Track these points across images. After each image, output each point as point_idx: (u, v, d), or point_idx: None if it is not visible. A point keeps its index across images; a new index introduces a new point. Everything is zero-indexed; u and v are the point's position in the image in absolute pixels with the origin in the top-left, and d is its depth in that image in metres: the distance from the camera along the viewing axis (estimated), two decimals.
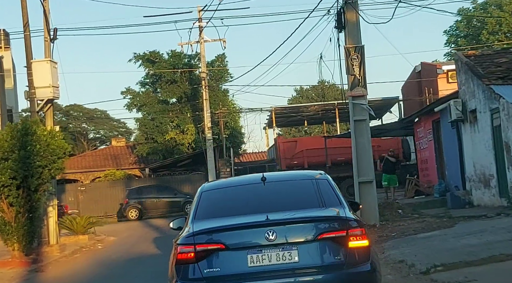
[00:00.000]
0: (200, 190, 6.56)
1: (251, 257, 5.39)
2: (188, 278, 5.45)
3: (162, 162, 35.33)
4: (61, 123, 60.02)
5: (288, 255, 5.40)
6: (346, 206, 5.97)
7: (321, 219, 5.68)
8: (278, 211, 5.80)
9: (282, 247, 5.40)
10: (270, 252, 5.39)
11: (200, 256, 5.43)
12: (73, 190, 32.82)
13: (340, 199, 6.09)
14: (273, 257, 5.39)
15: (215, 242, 5.45)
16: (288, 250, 5.40)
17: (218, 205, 6.24)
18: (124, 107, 37.99)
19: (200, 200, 6.26)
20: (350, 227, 5.52)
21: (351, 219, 5.67)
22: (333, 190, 6.25)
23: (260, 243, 5.40)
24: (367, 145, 15.71)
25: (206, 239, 5.50)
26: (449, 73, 31.60)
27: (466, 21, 49.26)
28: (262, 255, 5.39)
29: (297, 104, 46.74)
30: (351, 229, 5.50)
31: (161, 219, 28.23)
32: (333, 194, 6.17)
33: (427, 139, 21.33)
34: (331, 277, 5.38)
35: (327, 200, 6.05)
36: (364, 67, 15.64)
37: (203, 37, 31.64)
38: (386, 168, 21.39)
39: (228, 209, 6.08)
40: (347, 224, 5.55)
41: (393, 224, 15.34)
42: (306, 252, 5.41)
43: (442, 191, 19.31)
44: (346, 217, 5.68)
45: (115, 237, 21.54)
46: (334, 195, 6.16)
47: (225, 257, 5.42)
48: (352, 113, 15.72)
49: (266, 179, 6.35)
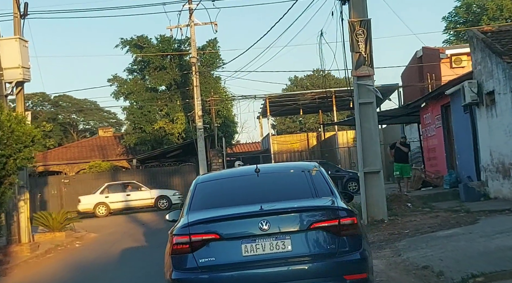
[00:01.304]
0: (195, 181, 6.67)
1: (245, 246, 5.50)
2: (183, 268, 5.53)
3: (151, 153, 33.55)
4: (50, 114, 58.70)
5: (281, 244, 5.50)
6: (338, 196, 6.06)
7: (313, 208, 5.78)
8: (271, 201, 5.87)
9: (276, 236, 5.50)
10: (264, 242, 5.50)
11: (195, 246, 5.51)
12: (56, 182, 31.02)
13: (333, 190, 6.19)
14: (267, 246, 5.50)
15: (209, 232, 5.54)
16: (281, 239, 5.50)
17: (213, 196, 6.34)
18: (111, 96, 36.13)
19: (195, 192, 6.36)
20: (341, 216, 5.60)
21: (343, 208, 5.74)
22: (326, 180, 6.34)
23: (254, 233, 5.50)
24: (373, 131, 14.05)
25: (201, 229, 5.58)
26: (453, 58, 30.18)
27: (466, 7, 47.65)
28: (256, 244, 5.50)
29: (293, 92, 45.06)
30: (342, 218, 5.58)
31: (148, 213, 26.53)
32: (326, 185, 6.27)
33: (435, 126, 19.66)
34: (323, 265, 5.48)
35: (320, 191, 6.15)
36: (371, 43, 13.97)
37: (193, 20, 29.89)
38: (398, 156, 19.25)
39: (222, 200, 6.19)
40: (339, 214, 5.63)
41: (403, 219, 13.77)
42: (299, 241, 5.52)
43: (452, 182, 17.67)
44: (338, 206, 5.75)
45: (96, 233, 19.83)
46: (326, 185, 6.26)
47: (219, 246, 5.51)
48: (357, 96, 14.03)
49: (260, 171, 6.46)
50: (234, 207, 5.83)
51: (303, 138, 43.35)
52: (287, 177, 6.71)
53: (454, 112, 17.64)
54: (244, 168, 7.85)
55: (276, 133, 54.17)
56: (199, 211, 5.94)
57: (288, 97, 38.37)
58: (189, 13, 29.44)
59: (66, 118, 61.11)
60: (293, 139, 43.40)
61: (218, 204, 6.08)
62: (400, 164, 19.18)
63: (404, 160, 19.23)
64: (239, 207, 5.80)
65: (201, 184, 6.60)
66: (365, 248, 5.70)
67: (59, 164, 36.44)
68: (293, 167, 7.61)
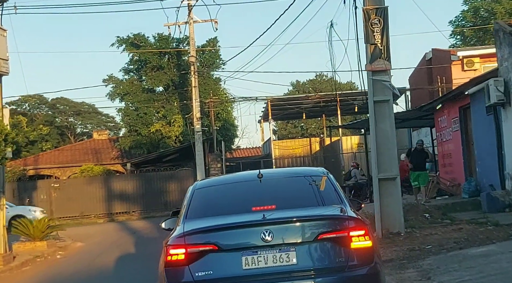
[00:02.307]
0: (192, 187, 6.33)
1: (246, 259, 5.15)
2: (178, 281, 5.19)
3: (146, 157, 31.95)
4: (47, 117, 57.34)
5: (285, 256, 5.16)
6: (348, 204, 5.71)
7: (320, 218, 5.42)
8: (275, 209, 5.56)
9: (279, 248, 5.17)
10: (266, 254, 5.15)
11: (191, 257, 5.16)
12: (46, 186, 29.42)
13: (341, 197, 5.85)
14: (270, 258, 5.15)
15: (207, 242, 5.18)
16: (285, 251, 5.17)
17: (211, 204, 5.99)
18: (106, 97, 34.60)
19: (192, 199, 6.01)
20: (351, 227, 5.23)
21: (353, 218, 5.37)
22: (334, 187, 6.00)
23: (256, 244, 5.15)
24: (390, 132, 12.51)
25: (198, 239, 5.23)
26: (465, 60, 28.68)
27: (473, 11, 46.33)
28: (258, 256, 5.15)
29: (296, 96, 43.55)
30: (352, 229, 5.22)
31: (140, 221, 24.97)
32: (334, 192, 5.92)
33: (452, 130, 18.11)
34: (331, 280, 5.14)
35: (327, 198, 5.80)
36: (388, 34, 12.46)
37: (192, 17, 28.36)
38: (416, 163, 17.16)
39: (222, 208, 5.84)
40: (348, 223, 5.27)
41: (421, 232, 12.27)
42: (304, 253, 5.17)
43: (472, 191, 16.10)
44: (348, 215, 5.40)
45: (83, 242, 18.31)
46: (334, 192, 5.91)
47: (218, 259, 5.16)
48: (371, 93, 12.50)
49: (262, 176, 6.07)
50: (235, 216, 5.46)
51: (306, 144, 41.80)
52: (292, 183, 6.28)
53: (475, 114, 16.10)
54: (246, 173, 7.40)
55: (277, 138, 52.67)
56: (197, 220, 5.57)
57: (291, 101, 36.81)
58: (188, 9, 27.94)
59: (64, 122, 60.05)
60: (295, 144, 41.85)
61: (217, 212, 5.72)
62: (416, 172, 17.17)
63: (421, 167, 17.35)
64: (239, 216, 5.43)
65: (199, 190, 6.22)
66: (377, 261, 5.33)
67: (51, 168, 34.89)
68: (298, 172, 7.15)
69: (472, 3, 46.14)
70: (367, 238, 5.23)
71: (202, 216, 5.70)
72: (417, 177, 17.18)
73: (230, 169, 30.71)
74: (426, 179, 17.42)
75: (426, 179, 17.42)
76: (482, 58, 28.49)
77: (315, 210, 5.59)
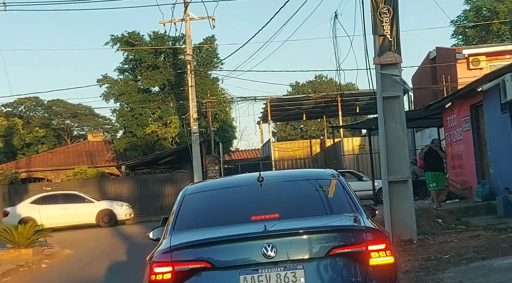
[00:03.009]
0: (182, 192, 5.58)
1: (245, 278, 4.38)
2: None
3: (141, 159, 30.96)
4: (43, 119, 56.45)
5: (291, 276, 4.37)
6: (364, 212, 4.90)
7: (333, 229, 4.64)
8: (279, 219, 4.81)
9: (284, 265, 4.38)
10: (269, 272, 4.37)
11: (179, 277, 4.38)
12: (38, 190, 28.25)
13: (356, 204, 5.05)
14: (273, 278, 4.36)
15: (198, 259, 4.40)
16: (291, 270, 4.38)
17: (204, 212, 5.26)
18: (101, 97, 33.65)
19: (181, 206, 5.24)
20: (370, 240, 4.44)
21: (371, 229, 4.58)
22: (347, 192, 5.23)
23: (256, 261, 4.38)
24: (400, 131, 11.55)
25: (187, 255, 4.45)
26: (470, 58, 27.80)
27: (476, 10, 45.55)
28: (259, 275, 4.36)
29: (296, 96, 42.62)
30: (371, 242, 4.43)
31: (135, 226, 23.97)
32: (347, 197, 5.13)
33: (462, 130, 17.14)
34: None
35: (340, 205, 5.05)
36: (398, 24, 11.52)
37: (189, 14, 27.44)
38: (432, 163, 15.95)
39: (216, 217, 5.10)
40: (366, 236, 4.47)
41: (435, 239, 11.32)
42: (314, 272, 4.40)
43: (486, 194, 15.14)
44: (365, 226, 4.58)
45: (72, 249, 17.26)
46: (348, 198, 5.13)
47: (211, 278, 4.40)
48: (380, 88, 11.53)
49: (263, 179, 5.29)
50: (231, 226, 4.74)
51: (306, 145, 40.87)
52: (298, 187, 5.49)
53: (488, 113, 15.13)
54: (244, 176, 6.55)
55: (276, 140, 51.76)
56: (186, 231, 4.84)
57: (290, 101, 35.88)
58: (184, 6, 27.01)
59: (60, 124, 59.32)
60: (295, 146, 40.91)
61: (211, 221, 5.01)
62: (434, 173, 15.90)
63: (439, 168, 16.06)
64: (237, 226, 4.72)
65: (190, 195, 5.45)
66: (401, 281, 4.80)
67: (44, 170, 33.90)
68: (304, 175, 6.26)
69: (474, 3, 45.36)
70: (388, 253, 4.47)
71: (192, 226, 4.98)
72: (435, 178, 15.92)
73: (228, 172, 29.73)
74: (444, 180, 16.26)
75: (444, 180, 16.26)
76: (488, 56, 27.66)
77: (326, 220, 4.87)
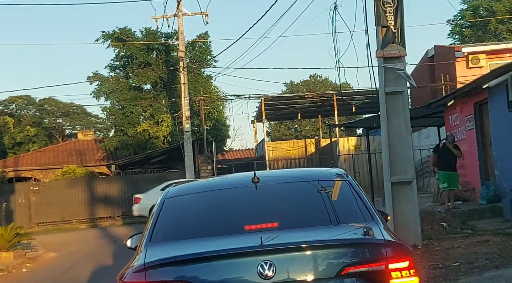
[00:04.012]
0: (162, 196, 4.58)
1: None
2: None
3: (132, 158, 30.11)
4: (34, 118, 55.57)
5: None
6: (381, 222, 4.06)
7: (345, 243, 3.78)
8: (277, 229, 3.98)
9: None
10: None
11: None
12: (25, 190, 27.50)
13: (371, 210, 4.18)
14: None
15: (179, 279, 3.56)
16: None
17: (188, 220, 4.37)
18: (91, 95, 32.76)
19: (161, 211, 4.34)
20: (391, 256, 3.61)
21: (392, 242, 3.75)
22: (359, 196, 4.35)
23: (251, 281, 3.53)
24: (404, 129, 10.85)
25: (165, 275, 3.59)
26: (470, 56, 27.15)
27: (473, 10, 45.01)
28: None
29: (291, 94, 41.91)
30: (392, 259, 3.60)
31: (124, 227, 23.17)
32: (360, 203, 4.27)
33: (465, 129, 16.44)
34: None
35: (351, 212, 4.22)
36: (402, 15, 10.82)
37: (181, 10, 26.63)
38: (445, 161, 14.61)
39: (202, 226, 4.24)
40: (386, 251, 3.63)
41: (441, 245, 10.64)
42: None
43: (491, 196, 14.42)
44: (384, 239, 3.75)
45: (57, 252, 16.52)
46: (360, 203, 4.27)
47: None
48: (382, 83, 10.82)
49: (259, 180, 4.44)
50: (220, 238, 3.93)
51: (301, 145, 40.11)
52: (301, 190, 4.61)
53: (494, 110, 14.43)
54: (237, 176, 5.65)
55: (271, 140, 51.03)
56: (165, 244, 4.02)
57: (285, 100, 35.13)
58: (177, 1, 26.21)
59: (52, 123, 58.55)
60: (290, 146, 40.16)
61: (196, 232, 4.16)
62: (447, 172, 14.59)
63: (453, 167, 14.71)
64: (227, 239, 3.91)
65: (172, 199, 4.56)
66: None
67: (32, 170, 33.01)
68: (307, 175, 5.28)
69: (471, 2, 44.82)
70: (412, 272, 3.67)
71: (173, 237, 4.14)
72: (448, 178, 14.62)
73: (221, 171, 28.95)
74: (456, 180, 14.90)
75: (456, 180, 14.90)
76: (488, 54, 27.05)
77: (335, 231, 4.05)
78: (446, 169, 14.65)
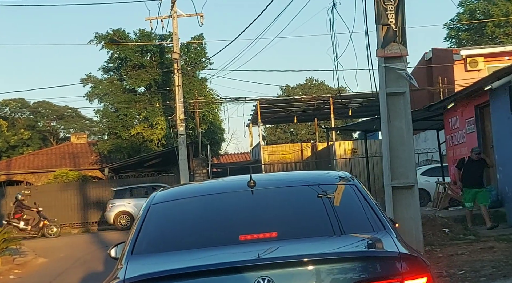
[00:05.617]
0: (148, 202, 4.15)
1: None
2: None
3: (125, 162, 29.65)
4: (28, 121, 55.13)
5: None
6: (393, 231, 3.62)
7: (354, 256, 3.32)
8: (276, 240, 3.54)
9: None
10: None
11: None
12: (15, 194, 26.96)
13: (382, 219, 3.75)
14: None
15: None
16: None
17: (175, 229, 3.93)
18: (84, 97, 32.33)
19: (145, 219, 3.91)
20: (406, 271, 3.15)
21: (407, 256, 3.30)
22: (368, 203, 3.89)
23: None
24: (406, 131, 10.45)
25: None
26: (468, 59, 26.91)
27: (469, 13, 44.85)
28: None
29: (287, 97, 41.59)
30: (408, 275, 3.14)
31: (117, 232, 22.72)
32: (369, 210, 3.81)
33: (465, 132, 16.10)
34: None
35: (360, 221, 3.79)
36: (404, 13, 10.43)
37: (176, 11, 26.23)
38: (472, 177, 13.11)
39: (191, 236, 3.82)
40: (401, 266, 3.17)
41: (444, 252, 10.29)
42: None
43: (493, 201, 14.06)
44: (399, 252, 3.30)
45: (46, 258, 16.08)
46: (370, 211, 3.80)
47: None
48: (383, 83, 10.42)
49: (255, 184, 4.01)
50: (211, 250, 3.51)
51: (297, 149, 39.74)
52: (302, 195, 4.17)
53: (496, 113, 14.07)
54: (231, 180, 5.24)
55: (266, 144, 50.69)
56: (149, 256, 3.59)
57: (281, 103, 34.78)
58: (171, 2, 25.84)
59: (46, 126, 58.23)
60: (286, 149, 39.79)
61: (184, 242, 3.75)
62: (472, 189, 13.06)
63: (479, 183, 13.17)
64: (219, 250, 3.50)
65: (158, 205, 4.11)
66: None
67: (24, 173, 32.51)
68: (309, 178, 4.81)
69: (468, 5, 44.67)
70: None
71: (158, 249, 3.71)
72: (473, 196, 13.08)
73: (216, 175, 28.54)
74: (487, 197, 13.22)
75: (487, 197, 13.22)
76: (487, 57, 26.82)
77: (342, 242, 3.61)
78: (474, 186, 13.14)
